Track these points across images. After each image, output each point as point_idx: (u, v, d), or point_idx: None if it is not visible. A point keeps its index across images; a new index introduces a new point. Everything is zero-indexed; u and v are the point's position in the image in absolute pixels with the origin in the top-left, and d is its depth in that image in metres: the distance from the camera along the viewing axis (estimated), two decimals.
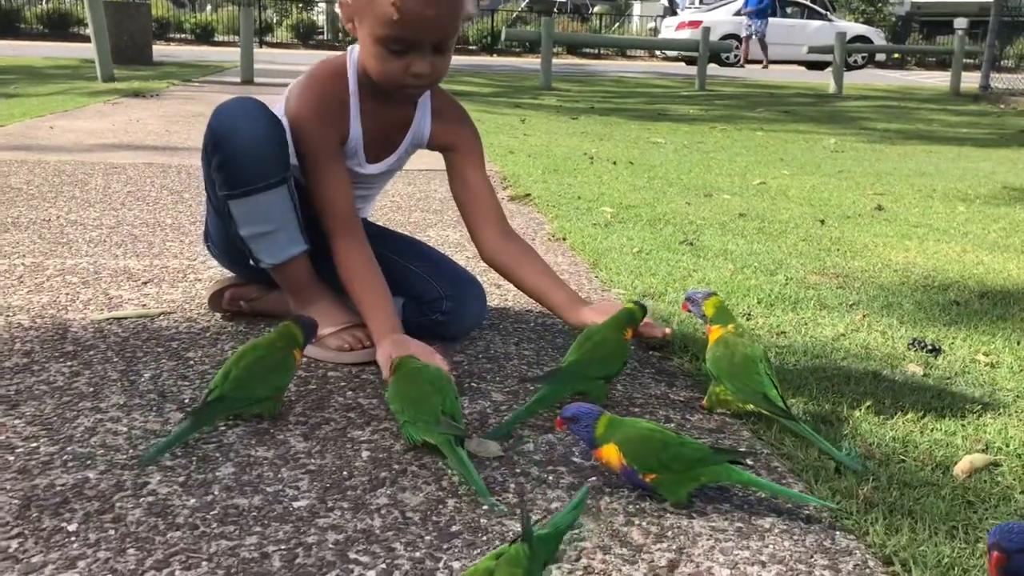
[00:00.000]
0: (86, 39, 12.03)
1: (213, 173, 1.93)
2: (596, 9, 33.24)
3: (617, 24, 31.40)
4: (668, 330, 2.03)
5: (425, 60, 1.87)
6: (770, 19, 22.15)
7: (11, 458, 1.50)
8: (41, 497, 1.38)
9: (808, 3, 24.27)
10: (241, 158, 1.87)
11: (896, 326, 2.46)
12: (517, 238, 2.19)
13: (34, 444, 1.55)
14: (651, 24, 28.60)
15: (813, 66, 21.50)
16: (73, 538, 1.27)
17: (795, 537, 1.35)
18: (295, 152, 1.96)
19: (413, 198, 4.09)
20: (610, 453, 1.45)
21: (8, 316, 2.21)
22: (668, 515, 1.41)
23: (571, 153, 5.89)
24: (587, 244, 3.23)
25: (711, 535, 1.35)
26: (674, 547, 1.31)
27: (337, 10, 2.00)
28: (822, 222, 3.93)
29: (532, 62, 17.39)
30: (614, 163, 5.49)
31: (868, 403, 1.88)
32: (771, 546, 1.33)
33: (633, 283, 2.74)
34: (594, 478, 1.52)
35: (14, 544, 1.25)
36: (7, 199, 3.66)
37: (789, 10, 23.37)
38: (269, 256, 1.97)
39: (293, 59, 16.80)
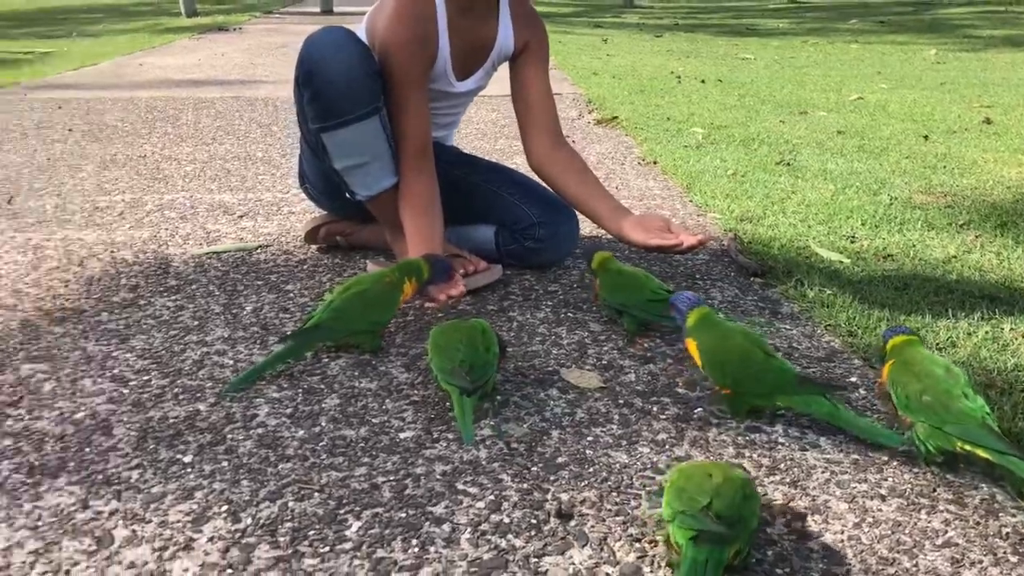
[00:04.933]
0: None
1: (305, 106, 1.91)
2: None
3: None
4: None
5: None
6: None
7: (125, 391, 1.54)
8: (156, 429, 1.41)
9: None
10: (333, 90, 1.86)
11: (1012, 246, 2.33)
12: (568, 149, 2.13)
13: (146, 377, 1.59)
14: None
15: None
16: (189, 469, 1.30)
17: (915, 470, 1.30)
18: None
19: (497, 125, 4.04)
20: (692, 348, 1.48)
21: (113, 252, 2.26)
22: (779, 447, 1.37)
23: (657, 73, 5.72)
24: (679, 167, 3.14)
25: (826, 467, 1.31)
26: (788, 480, 1.28)
27: None
28: (926, 138, 3.74)
29: None
30: (702, 81, 5.31)
31: (985, 329, 1.79)
32: (890, 479, 1.28)
33: (729, 207, 2.65)
34: (699, 409, 1.48)
35: (135, 475, 1.29)
36: (104, 136, 3.74)
37: None
38: (364, 188, 1.96)
39: None
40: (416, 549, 1.12)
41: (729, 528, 1.04)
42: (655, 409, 1.49)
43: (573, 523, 1.18)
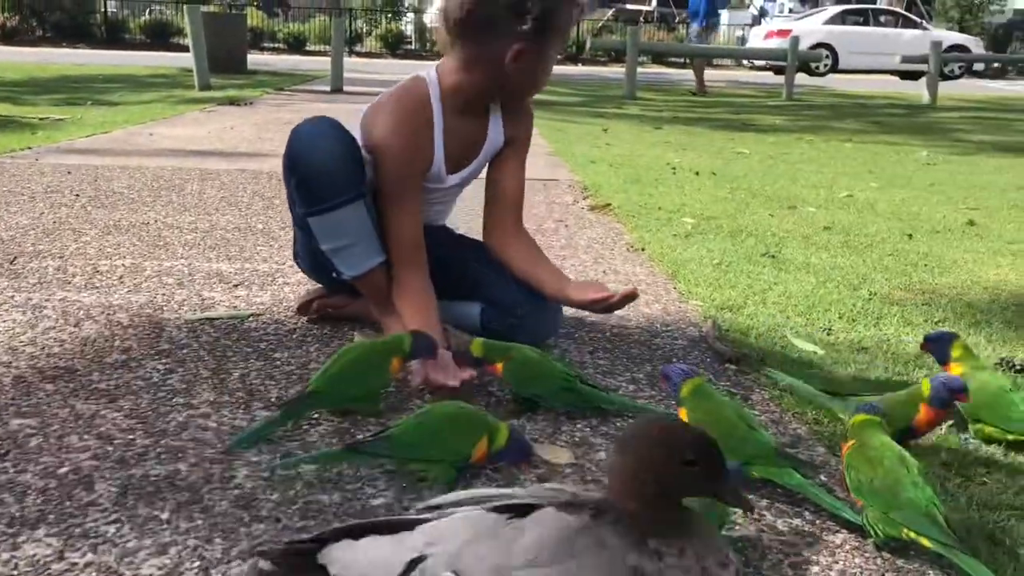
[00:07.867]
0: (186, 48, 12.54)
1: (293, 192, 2.01)
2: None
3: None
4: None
5: None
6: (860, 27, 21.57)
7: (110, 448, 1.59)
8: (137, 486, 1.46)
9: (903, 12, 23.64)
10: (316, 177, 1.95)
11: (984, 345, 2.40)
12: (527, 235, 2.26)
13: (131, 436, 1.64)
14: (739, 33, 28.07)
15: (906, 76, 20.78)
16: (165, 526, 1.35)
17: (866, 555, 1.34)
18: (374, 176, 2.03)
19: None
20: (682, 416, 1.58)
21: (109, 315, 2.33)
22: (736, 527, 1.41)
23: (653, 163, 5.88)
24: (666, 255, 3.23)
25: (780, 548, 1.35)
26: (743, 560, 1.32)
27: (427, 21, 2.08)
28: (910, 236, 3.84)
29: (616, 71, 17.34)
30: (696, 173, 5.46)
31: (950, 423, 1.84)
32: (841, 562, 1.32)
33: (712, 295, 2.73)
34: None
35: (112, 529, 1.33)
36: (110, 203, 3.84)
37: (883, 19, 22.76)
38: (349, 268, 2.04)
39: (381, 68, 17.14)
40: None
41: None
42: None
43: None
